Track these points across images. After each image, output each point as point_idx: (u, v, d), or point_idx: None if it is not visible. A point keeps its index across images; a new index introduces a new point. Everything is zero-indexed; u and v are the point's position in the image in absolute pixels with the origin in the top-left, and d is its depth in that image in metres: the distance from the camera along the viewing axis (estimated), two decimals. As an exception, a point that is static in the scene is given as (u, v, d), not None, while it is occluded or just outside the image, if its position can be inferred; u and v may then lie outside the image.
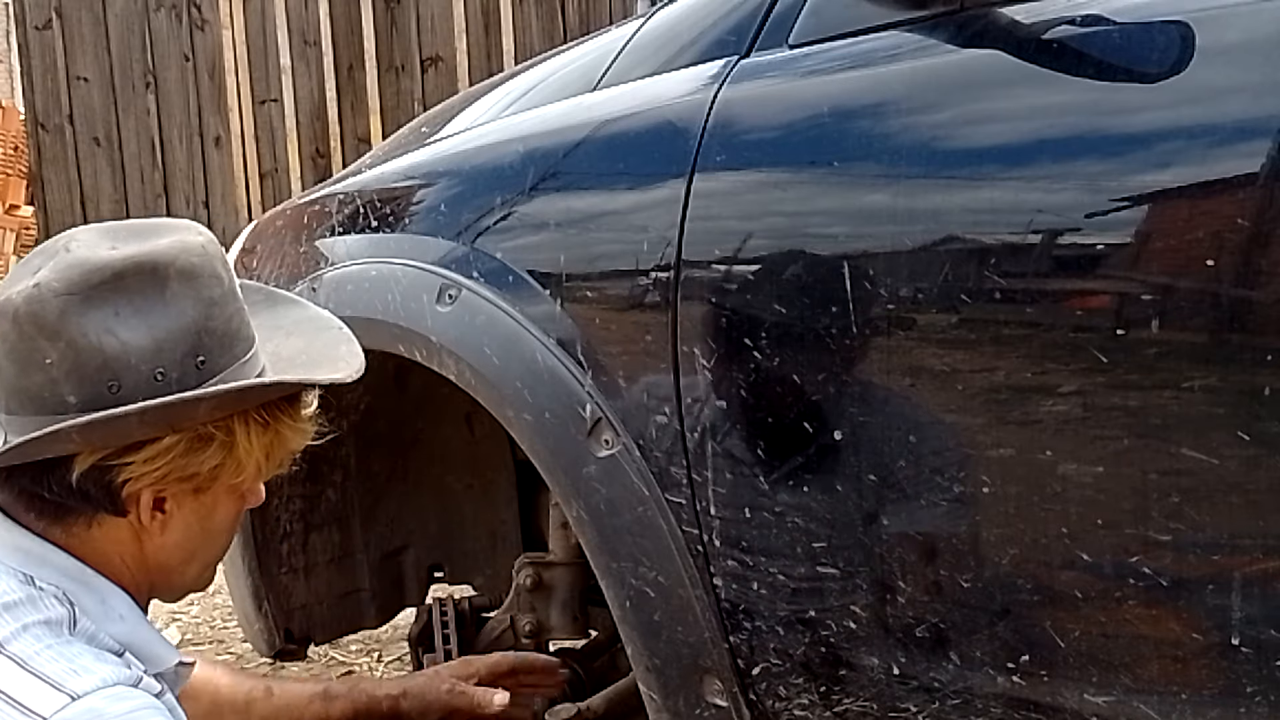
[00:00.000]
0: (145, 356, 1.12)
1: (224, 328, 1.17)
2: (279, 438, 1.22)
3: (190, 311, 1.14)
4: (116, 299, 1.11)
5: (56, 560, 1.17)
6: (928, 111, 1.12)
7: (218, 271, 1.18)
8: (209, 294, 1.16)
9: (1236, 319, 0.95)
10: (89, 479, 1.14)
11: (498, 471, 2.02)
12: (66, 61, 7.47)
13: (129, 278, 1.12)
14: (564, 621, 1.77)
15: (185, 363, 1.13)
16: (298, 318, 1.33)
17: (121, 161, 7.49)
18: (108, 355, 1.11)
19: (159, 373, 1.12)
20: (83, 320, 1.10)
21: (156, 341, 1.12)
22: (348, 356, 1.27)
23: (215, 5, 7.03)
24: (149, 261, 1.13)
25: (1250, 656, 0.95)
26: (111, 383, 1.11)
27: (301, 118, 6.98)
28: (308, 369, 1.24)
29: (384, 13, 6.75)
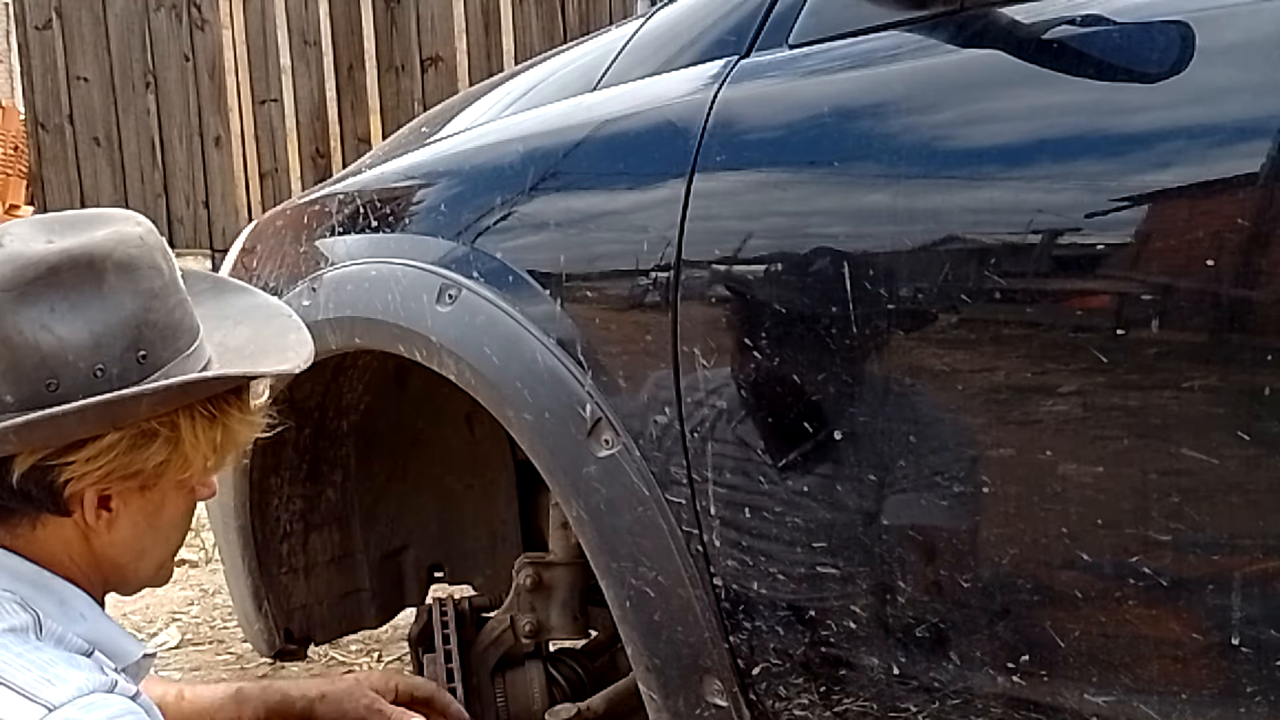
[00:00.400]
0: (83, 353, 1.08)
1: (165, 320, 1.13)
2: (227, 431, 1.18)
3: (129, 305, 1.11)
4: (51, 294, 1.08)
5: (10, 565, 1.14)
6: (928, 111, 1.12)
7: (157, 262, 1.14)
8: (148, 286, 1.13)
9: (1236, 319, 0.95)
10: (29, 479, 1.10)
11: (498, 471, 2.02)
12: (66, 61, 7.48)
13: (64, 272, 1.08)
14: (564, 621, 1.77)
15: (125, 358, 1.10)
16: (245, 305, 1.30)
17: (121, 161, 7.50)
18: (44, 352, 1.07)
19: (98, 369, 1.09)
20: (17, 317, 1.07)
21: (95, 336, 1.09)
22: (296, 345, 1.23)
23: (215, 5, 7.03)
24: (84, 254, 1.09)
25: (1250, 656, 0.95)
26: (50, 380, 1.08)
27: (301, 118, 6.98)
28: (254, 360, 1.20)
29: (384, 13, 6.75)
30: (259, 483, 1.88)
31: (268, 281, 1.80)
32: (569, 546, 1.73)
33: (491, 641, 1.80)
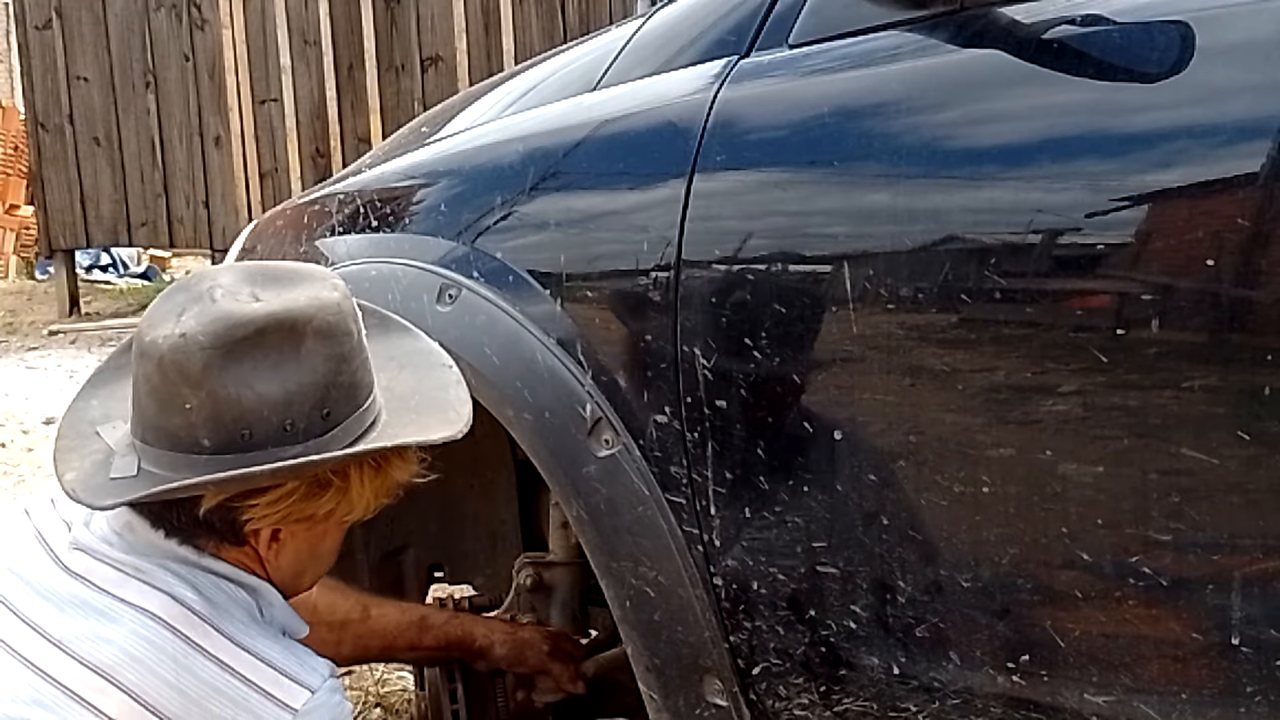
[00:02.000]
0: (277, 409, 1.17)
1: (349, 380, 1.23)
2: (388, 478, 1.29)
3: (321, 369, 1.20)
4: (256, 354, 1.17)
5: (213, 566, 1.25)
6: (928, 111, 1.12)
7: (349, 328, 1.23)
8: (341, 350, 1.21)
9: (1236, 319, 0.95)
10: (215, 515, 1.21)
11: (498, 471, 2.01)
12: (66, 61, 7.48)
13: (269, 334, 1.17)
14: (564, 621, 1.77)
15: (312, 415, 1.19)
16: (409, 350, 1.37)
17: (121, 161, 7.50)
18: (244, 407, 1.16)
19: (288, 424, 1.18)
20: (224, 374, 1.16)
21: (288, 395, 1.18)
22: (457, 404, 1.30)
23: (215, 5, 7.03)
24: (289, 319, 1.18)
25: (1250, 656, 0.95)
26: (244, 431, 1.17)
27: (301, 117, 6.98)
28: (420, 418, 1.28)
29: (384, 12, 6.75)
30: (259, 483, 1.87)
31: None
32: (569, 546, 1.73)
33: (492, 641, 1.79)
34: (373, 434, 1.24)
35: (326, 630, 1.59)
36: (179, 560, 1.23)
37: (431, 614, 1.74)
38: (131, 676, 1.15)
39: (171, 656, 1.16)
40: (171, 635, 1.17)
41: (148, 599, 1.19)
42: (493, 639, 1.70)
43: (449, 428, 1.27)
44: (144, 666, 1.15)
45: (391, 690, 2.56)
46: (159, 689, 1.15)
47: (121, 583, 1.21)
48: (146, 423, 1.20)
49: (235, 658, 1.18)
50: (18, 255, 10.45)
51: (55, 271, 8.11)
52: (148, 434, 1.20)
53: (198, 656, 1.17)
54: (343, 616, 1.63)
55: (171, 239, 7.60)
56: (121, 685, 1.15)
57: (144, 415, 1.20)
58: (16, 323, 7.91)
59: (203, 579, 1.23)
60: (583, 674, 1.73)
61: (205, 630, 1.19)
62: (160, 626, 1.17)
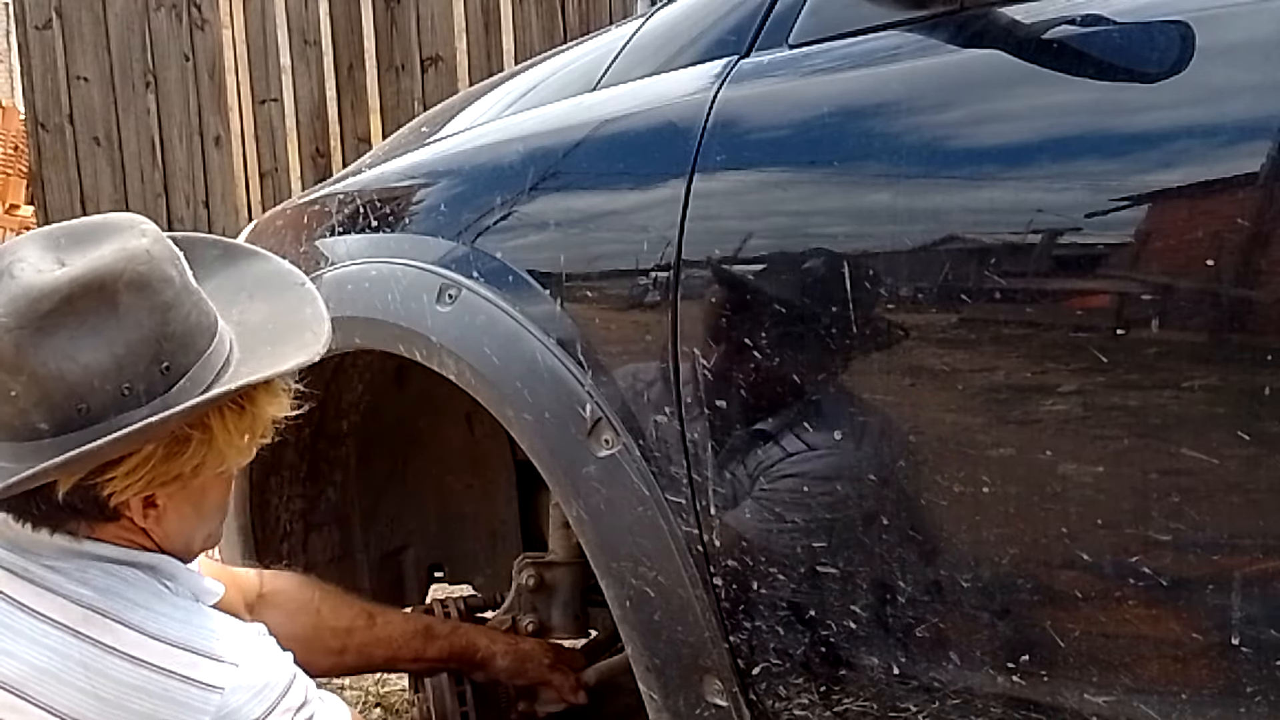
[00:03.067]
0: (109, 375, 1.10)
1: (182, 328, 1.14)
2: (257, 416, 1.19)
3: (146, 322, 1.11)
4: (70, 323, 1.08)
5: (96, 550, 1.18)
6: (927, 111, 1.12)
7: (167, 274, 1.14)
8: (161, 300, 1.13)
9: (1236, 319, 0.95)
10: (74, 496, 1.13)
11: (498, 471, 2.01)
12: (66, 61, 7.47)
13: (78, 300, 1.09)
14: (565, 621, 1.78)
15: (150, 372, 1.11)
16: (259, 274, 1.29)
17: (121, 161, 7.49)
18: (71, 381, 1.09)
19: (125, 388, 1.10)
20: (40, 351, 1.08)
21: (117, 358, 1.10)
22: (314, 323, 1.23)
23: (215, 5, 7.03)
24: (96, 280, 1.09)
25: (1250, 656, 0.95)
26: (80, 405, 1.09)
27: (301, 117, 6.97)
28: (276, 350, 1.20)
29: (384, 12, 6.75)
30: (259, 483, 1.87)
31: (268, 281, 1.80)
32: (570, 546, 1.73)
33: (492, 642, 1.80)
34: (225, 376, 1.16)
35: (331, 637, 1.58)
36: (60, 553, 1.17)
37: (436, 624, 1.72)
38: (43, 690, 1.11)
39: (80, 662, 1.11)
40: (75, 639, 1.12)
41: (43, 603, 1.14)
42: (495, 650, 1.69)
43: (304, 352, 1.19)
44: (53, 678, 1.11)
45: (391, 690, 2.56)
46: (74, 698, 1.11)
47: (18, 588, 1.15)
48: None
49: (146, 649, 1.12)
50: (18, 255, 10.43)
51: (55, 271, 8.10)
52: None
53: (107, 657, 1.12)
54: (347, 624, 1.62)
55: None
56: (35, 700, 1.10)
57: None
58: (16, 323, 7.89)
59: (92, 570, 1.16)
60: (584, 684, 1.73)
61: (108, 626, 1.13)
62: (62, 632, 1.12)
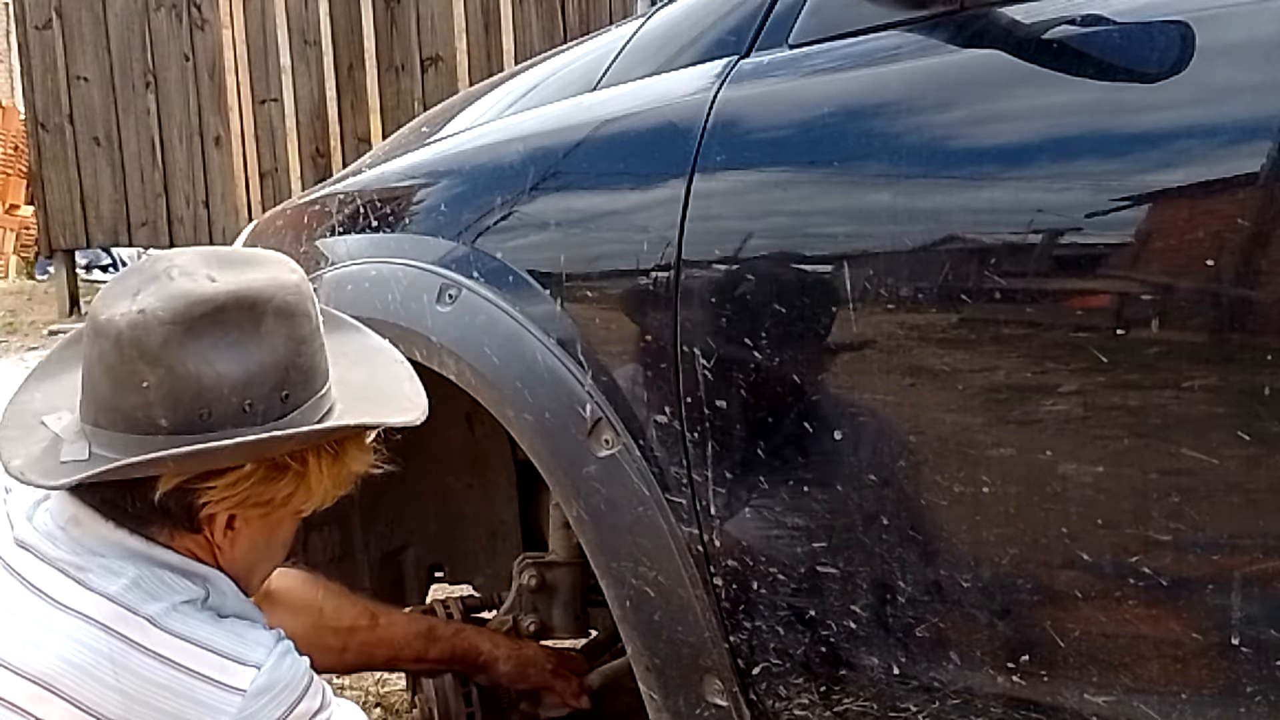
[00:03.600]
0: (237, 388, 1.16)
1: (308, 364, 1.21)
2: (346, 467, 1.27)
3: (281, 348, 1.18)
4: (216, 331, 1.15)
5: (162, 556, 1.22)
6: (927, 111, 1.12)
7: (308, 310, 1.22)
8: (300, 332, 1.20)
9: (1236, 319, 0.95)
10: (171, 498, 1.18)
11: (498, 471, 2.01)
12: (66, 61, 7.47)
13: (229, 311, 1.16)
14: (566, 621, 1.78)
15: (271, 396, 1.18)
16: (361, 346, 1.37)
17: (121, 161, 7.49)
18: (203, 385, 1.15)
19: (247, 404, 1.16)
20: (183, 350, 1.14)
21: (249, 374, 1.16)
22: (412, 395, 1.30)
23: (215, 5, 7.03)
24: (249, 297, 1.17)
25: (1250, 656, 0.95)
26: (203, 410, 1.15)
27: (301, 117, 6.98)
28: (377, 406, 1.27)
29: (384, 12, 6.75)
30: (259, 483, 1.87)
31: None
32: (570, 546, 1.73)
33: (494, 642, 1.79)
34: (330, 419, 1.23)
35: (332, 636, 1.59)
36: (126, 553, 1.21)
37: (439, 625, 1.74)
38: (70, 683, 1.14)
39: (109, 658, 1.15)
40: (107, 636, 1.15)
41: (84, 602, 1.17)
42: (497, 654, 1.70)
43: (406, 414, 1.27)
44: (82, 672, 1.14)
45: (392, 690, 2.56)
46: (100, 692, 1.14)
47: (60, 585, 1.19)
48: (101, 404, 1.18)
49: (176, 649, 1.16)
50: (18, 255, 10.45)
51: (55, 271, 8.11)
52: (101, 416, 1.18)
53: (136, 654, 1.15)
54: (350, 623, 1.63)
55: (171, 239, 7.58)
56: (61, 693, 1.14)
57: (98, 396, 1.18)
58: (16, 323, 7.91)
59: (146, 573, 1.20)
60: (588, 688, 1.73)
61: (142, 626, 1.16)
62: (95, 629, 1.16)
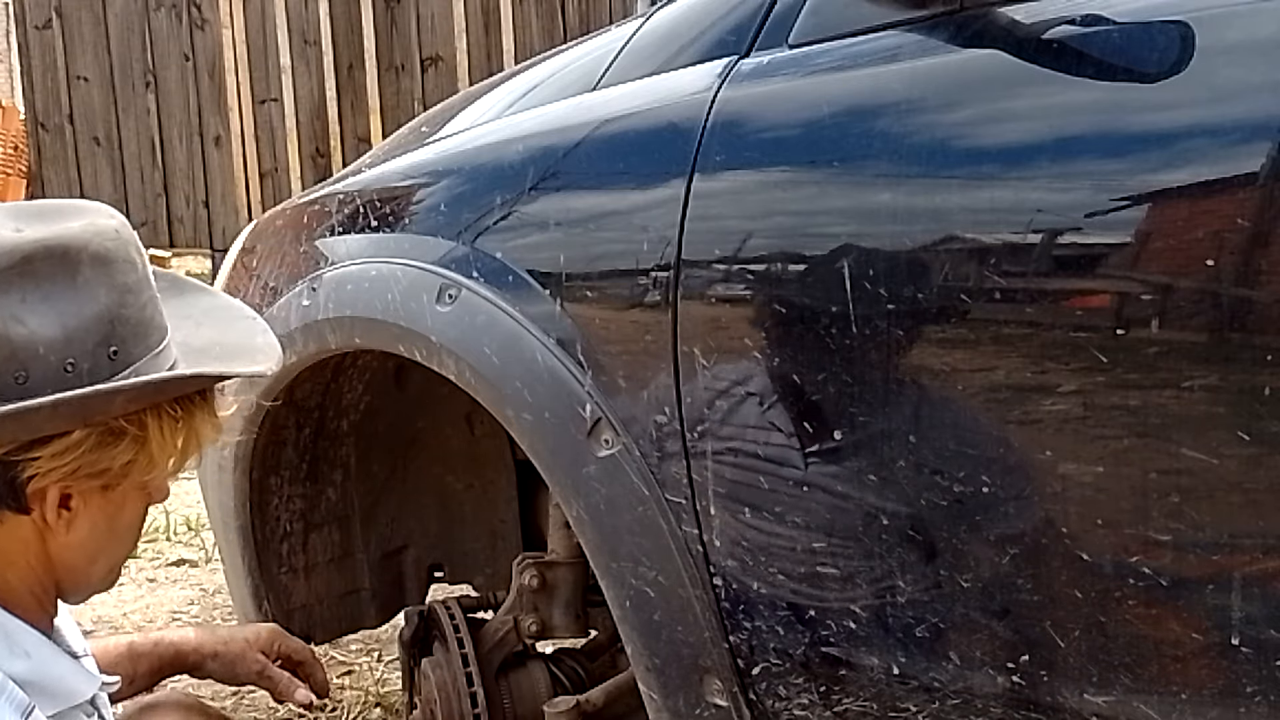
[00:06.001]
0: (55, 346, 1.05)
1: (137, 316, 1.10)
2: (192, 432, 1.16)
3: (103, 299, 1.07)
4: (24, 284, 1.04)
5: None
6: (927, 112, 1.12)
7: (131, 256, 1.11)
8: (123, 280, 1.09)
9: (1236, 319, 0.95)
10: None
11: (498, 471, 2.02)
12: (66, 61, 7.48)
13: (38, 262, 1.05)
14: (567, 621, 1.77)
15: (97, 353, 1.07)
16: (207, 306, 1.27)
17: (121, 161, 7.50)
18: (15, 344, 1.03)
19: (69, 363, 1.05)
20: None
21: (67, 330, 1.05)
22: (265, 348, 1.21)
23: (215, 5, 7.03)
24: (59, 245, 1.06)
25: (1250, 656, 0.95)
26: (19, 373, 1.04)
27: (301, 117, 6.98)
28: (224, 361, 1.17)
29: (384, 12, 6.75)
30: (259, 483, 1.88)
31: (268, 281, 1.80)
32: (570, 546, 1.72)
33: (496, 643, 1.80)
34: None
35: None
36: None
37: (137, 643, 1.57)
38: None
39: None
40: None
41: None
42: (203, 653, 1.57)
43: (257, 364, 1.17)
44: None
45: (391, 690, 2.56)
46: None
47: None
48: None
49: None
50: (18, 255, 10.44)
51: (55, 271, 8.10)
52: None
53: None
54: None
55: (171, 239, 7.59)
56: None
57: None
58: (16, 323, 7.90)
59: None
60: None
61: None
62: None
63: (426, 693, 1.81)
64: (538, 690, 1.80)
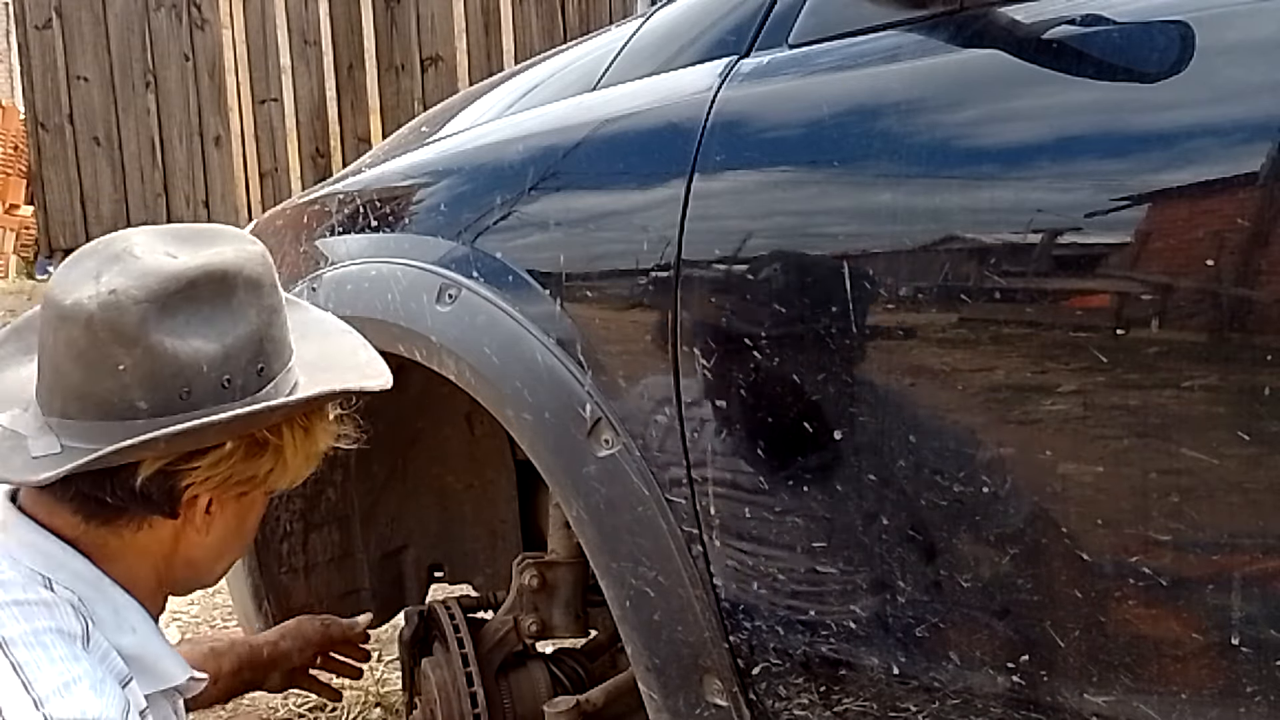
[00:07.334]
0: (215, 364, 1.14)
1: (279, 335, 1.21)
2: (314, 441, 1.25)
3: (254, 319, 1.17)
4: (188, 307, 1.13)
5: (75, 566, 1.17)
6: (927, 112, 1.12)
7: (274, 280, 1.22)
8: (269, 302, 1.19)
9: (1236, 319, 0.95)
10: (153, 483, 1.15)
11: (498, 471, 2.02)
12: (66, 61, 7.49)
13: (201, 286, 1.14)
14: (567, 621, 1.77)
15: (248, 370, 1.16)
16: (302, 320, 1.34)
17: (121, 161, 7.50)
18: (182, 362, 1.12)
19: (226, 379, 1.14)
20: (159, 328, 1.11)
21: (225, 349, 1.14)
22: (373, 362, 1.29)
23: (215, 5, 7.03)
24: (219, 270, 1.15)
25: (1250, 656, 0.95)
26: (184, 389, 1.12)
27: (301, 117, 6.99)
28: (340, 376, 1.26)
29: (384, 12, 6.75)
30: (259, 483, 1.87)
31: (268, 281, 1.80)
32: (570, 546, 1.72)
33: (496, 642, 1.79)
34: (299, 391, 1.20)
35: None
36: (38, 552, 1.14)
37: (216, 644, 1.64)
38: None
39: None
40: None
41: None
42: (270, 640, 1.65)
43: (375, 379, 1.26)
44: None
45: (391, 690, 2.56)
46: None
47: None
48: (69, 393, 1.13)
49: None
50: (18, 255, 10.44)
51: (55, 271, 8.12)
52: (70, 406, 1.13)
53: None
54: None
55: (171, 239, 7.59)
56: None
57: (66, 385, 1.13)
58: (16, 323, 7.90)
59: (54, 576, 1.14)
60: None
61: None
62: None
63: (426, 693, 1.81)
64: (538, 690, 1.80)
